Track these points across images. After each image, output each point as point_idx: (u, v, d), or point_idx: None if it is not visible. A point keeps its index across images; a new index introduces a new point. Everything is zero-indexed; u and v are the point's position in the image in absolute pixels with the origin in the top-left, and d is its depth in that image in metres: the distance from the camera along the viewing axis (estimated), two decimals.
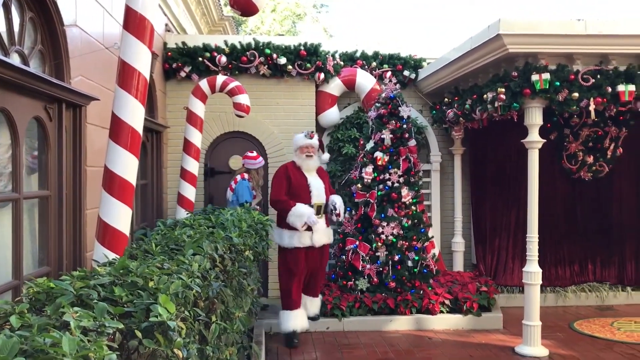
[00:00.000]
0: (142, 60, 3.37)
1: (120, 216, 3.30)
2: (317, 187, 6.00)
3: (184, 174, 5.97)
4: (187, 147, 5.97)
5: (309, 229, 5.84)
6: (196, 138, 5.98)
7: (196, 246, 3.12)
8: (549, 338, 5.97)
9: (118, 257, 2.97)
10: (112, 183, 3.30)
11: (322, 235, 5.99)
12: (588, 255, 7.97)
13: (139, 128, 3.37)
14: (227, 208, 5.28)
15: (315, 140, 6.11)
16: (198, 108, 5.98)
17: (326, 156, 6.30)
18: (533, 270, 5.58)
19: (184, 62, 7.32)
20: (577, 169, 7.85)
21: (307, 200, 5.92)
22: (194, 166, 5.98)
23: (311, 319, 6.19)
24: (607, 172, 7.89)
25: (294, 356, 5.53)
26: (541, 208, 5.83)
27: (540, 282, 5.63)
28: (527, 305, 5.62)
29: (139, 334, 1.87)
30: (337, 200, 6.12)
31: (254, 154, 6.77)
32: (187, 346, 2.22)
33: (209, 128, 7.31)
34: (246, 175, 6.62)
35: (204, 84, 6.03)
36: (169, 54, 7.31)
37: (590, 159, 7.78)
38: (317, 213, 5.95)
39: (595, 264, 7.99)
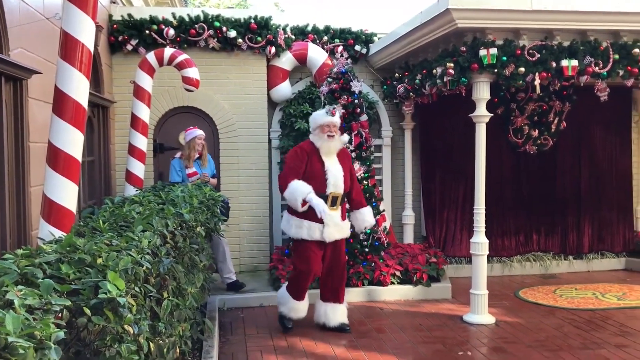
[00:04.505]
0: (85, 31, 3.26)
1: (66, 193, 3.22)
2: (334, 175, 5.20)
3: (132, 150, 5.85)
4: (135, 122, 5.83)
5: (320, 220, 5.12)
6: (144, 113, 5.85)
7: (146, 223, 3.08)
8: (495, 306, 6.19)
9: (65, 234, 2.90)
10: (56, 159, 3.21)
11: (335, 229, 5.22)
12: (533, 226, 8.25)
13: (84, 102, 3.27)
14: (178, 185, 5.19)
15: (337, 118, 5.33)
16: (145, 82, 5.84)
17: (345, 137, 5.46)
18: (480, 241, 5.74)
19: (130, 35, 7.11)
20: (522, 143, 8.07)
21: (321, 189, 5.14)
22: (142, 142, 5.86)
23: (338, 329, 5.42)
24: (551, 146, 8.14)
25: (248, 331, 5.56)
26: (488, 181, 5.99)
27: (487, 252, 5.80)
28: (474, 275, 5.80)
29: (87, 311, 1.85)
30: (370, 221, 5.59)
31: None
32: (138, 322, 2.21)
33: (158, 103, 7.16)
34: (178, 154, 6.49)
35: (151, 57, 5.89)
36: (115, 26, 7.09)
37: (536, 133, 8.01)
38: (333, 204, 5.20)
39: (539, 235, 8.28)
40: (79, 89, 3.24)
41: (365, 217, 5.53)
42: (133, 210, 3.50)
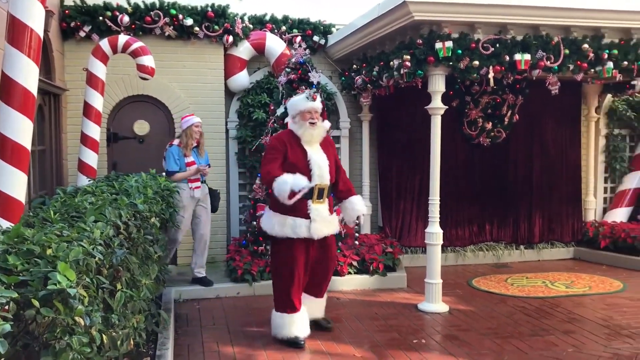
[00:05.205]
0: (34, 16, 3.17)
1: (15, 182, 3.14)
2: (319, 165, 4.71)
3: (85, 140, 5.72)
4: (88, 111, 5.71)
5: (307, 216, 4.70)
6: (97, 101, 5.73)
7: (98, 213, 3.02)
8: (449, 295, 6.31)
9: (13, 225, 2.82)
10: (4, 148, 3.12)
11: (323, 225, 4.77)
12: (486, 217, 8.44)
13: (33, 89, 3.18)
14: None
15: (319, 103, 4.82)
16: (99, 69, 5.72)
17: (327, 124, 4.95)
18: (434, 232, 5.84)
19: (83, 21, 6.92)
20: (476, 135, 8.23)
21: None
22: (95, 131, 5.74)
23: (316, 324, 5.11)
24: (504, 138, 8.33)
25: (204, 322, 5.52)
26: (443, 172, 6.09)
27: (442, 242, 5.90)
28: (429, 264, 5.90)
29: (36, 302, 1.81)
30: (362, 209, 5.09)
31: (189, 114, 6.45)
32: (90, 314, 2.17)
33: (111, 91, 7.00)
34: (176, 141, 6.26)
35: (104, 44, 5.76)
36: (67, 12, 6.89)
37: (489, 125, 8.18)
38: (319, 197, 4.76)
39: (492, 225, 8.47)
40: (27, 75, 3.15)
41: (356, 206, 5.07)
42: (85, 200, 3.43)
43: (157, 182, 4.85)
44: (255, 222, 6.79)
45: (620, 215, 8.86)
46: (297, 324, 4.81)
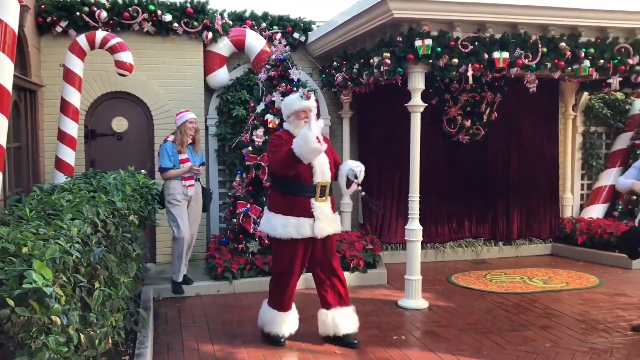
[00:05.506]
0: (9, 11, 3.11)
1: None
2: (320, 162, 4.61)
3: (62, 137, 5.65)
4: (65, 107, 5.64)
5: (311, 215, 4.58)
6: (74, 98, 5.66)
7: (75, 211, 2.99)
8: (429, 291, 6.35)
9: None
10: None
11: (326, 223, 4.65)
12: (465, 213, 8.50)
13: (8, 85, 3.13)
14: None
15: (313, 102, 4.76)
16: (76, 65, 5.65)
17: (321, 122, 4.59)
18: (414, 228, 5.87)
19: (59, 17, 6.82)
20: (456, 132, 8.29)
21: (308, 178, 4.58)
22: (72, 128, 5.67)
23: (342, 341, 4.82)
24: (483, 136, 8.40)
25: (183, 320, 5.49)
26: (422, 169, 6.12)
27: (421, 239, 5.94)
28: (409, 261, 5.93)
29: (11, 302, 1.78)
30: (357, 164, 4.83)
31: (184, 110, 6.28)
32: (67, 313, 2.14)
33: (89, 87, 6.91)
34: (171, 137, 6.14)
35: (82, 39, 5.70)
36: (43, 6, 6.79)
37: (468, 123, 8.24)
38: (322, 195, 4.65)
39: (471, 221, 8.54)
40: (2, 71, 3.10)
41: (349, 165, 4.83)
42: (62, 198, 3.38)
43: (135, 180, 4.80)
44: (235, 220, 6.77)
45: (596, 211, 9.00)
46: (287, 323, 4.84)
